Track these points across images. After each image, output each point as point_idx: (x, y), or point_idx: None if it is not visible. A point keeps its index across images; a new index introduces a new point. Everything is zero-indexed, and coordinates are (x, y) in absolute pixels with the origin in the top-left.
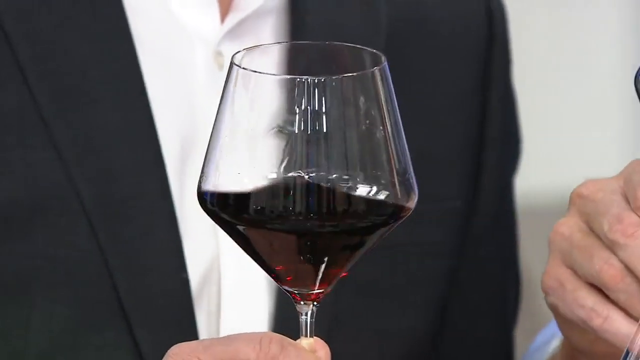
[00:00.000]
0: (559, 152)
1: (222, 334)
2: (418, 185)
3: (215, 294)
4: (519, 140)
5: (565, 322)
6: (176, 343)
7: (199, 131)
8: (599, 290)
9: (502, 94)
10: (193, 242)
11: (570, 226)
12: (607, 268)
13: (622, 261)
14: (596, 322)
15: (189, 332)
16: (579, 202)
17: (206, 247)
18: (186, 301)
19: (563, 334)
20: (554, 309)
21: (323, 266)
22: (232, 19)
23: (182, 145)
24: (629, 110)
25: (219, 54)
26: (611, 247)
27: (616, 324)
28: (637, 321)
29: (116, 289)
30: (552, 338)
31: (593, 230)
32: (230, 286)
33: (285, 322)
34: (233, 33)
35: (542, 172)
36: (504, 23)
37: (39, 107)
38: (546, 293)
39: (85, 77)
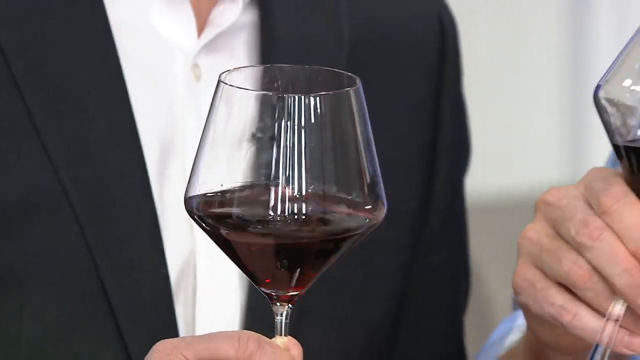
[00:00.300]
0: (500, 152)
1: (198, 324)
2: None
3: (191, 287)
4: (468, 146)
5: (535, 319)
6: (157, 333)
7: (177, 137)
8: (568, 289)
9: (454, 103)
10: (171, 240)
11: (537, 231)
12: (576, 269)
13: (589, 262)
14: (566, 318)
15: (169, 323)
16: (544, 208)
17: (183, 244)
18: (166, 294)
19: (532, 329)
20: (524, 307)
21: (298, 271)
22: (208, 34)
23: (162, 149)
24: (567, 111)
25: (195, 65)
26: (578, 249)
27: (585, 320)
28: (604, 317)
29: (103, 284)
30: (507, 333)
31: (560, 234)
32: (205, 280)
33: (255, 313)
34: (209, 47)
35: (485, 172)
36: (456, 39)
37: (31, 114)
38: (517, 293)
39: (74, 87)
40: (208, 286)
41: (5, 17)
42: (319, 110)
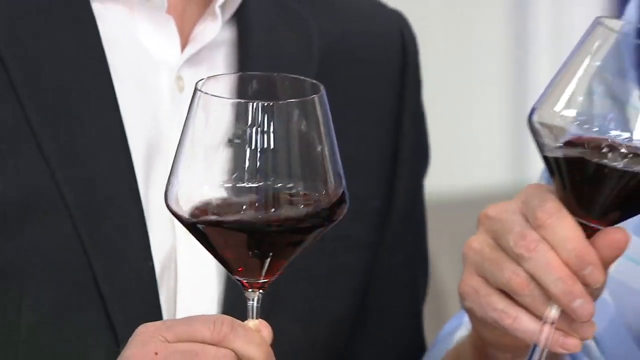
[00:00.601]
0: (450, 155)
1: (179, 311)
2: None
3: (173, 277)
4: (427, 151)
5: (479, 322)
6: (142, 319)
7: (162, 142)
8: (508, 295)
9: (414, 112)
10: (156, 235)
11: (480, 242)
12: (515, 277)
13: (526, 271)
14: (507, 322)
15: (153, 310)
16: (486, 222)
17: (166, 239)
18: (151, 284)
19: (476, 330)
20: (469, 311)
21: (268, 260)
22: (191, 49)
23: (148, 154)
24: (512, 118)
25: (179, 78)
26: (517, 259)
27: (524, 323)
28: (541, 320)
29: (94, 275)
30: (456, 328)
31: (500, 245)
32: (185, 272)
33: (231, 301)
34: (191, 61)
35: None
36: (416, 54)
37: (29, 121)
38: (463, 298)
39: (68, 96)
40: (188, 277)
41: (7, 35)
42: (286, 116)
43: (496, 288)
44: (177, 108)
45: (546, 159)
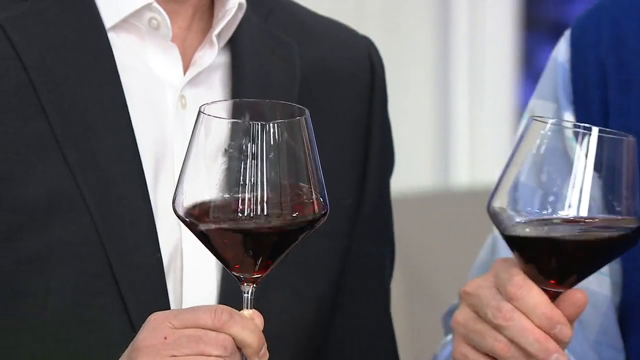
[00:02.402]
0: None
1: (185, 296)
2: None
3: (179, 267)
4: (392, 154)
5: None
6: (152, 303)
7: (167, 151)
8: (494, 358)
9: (381, 122)
10: (163, 231)
11: (464, 316)
12: (497, 344)
13: (506, 337)
14: None
15: (162, 295)
16: (467, 298)
17: (172, 234)
18: (159, 273)
19: None
20: None
21: (261, 259)
22: (192, 72)
23: (156, 161)
24: (442, 122)
25: (182, 97)
26: (497, 328)
27: None
28: None
29: (110, 265)
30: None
31: (480, 317)
32: (190, 262)
33: (228, 287)
34: (192, 82)
35: None
36: (382, 73)
37: (55, 134)
38: None
39: (87, 113)
40: (192, 267)
41: (37, 62)
42: (277, 135)
43: (483, 353)
44: (180, 122)
45: (506, 237)
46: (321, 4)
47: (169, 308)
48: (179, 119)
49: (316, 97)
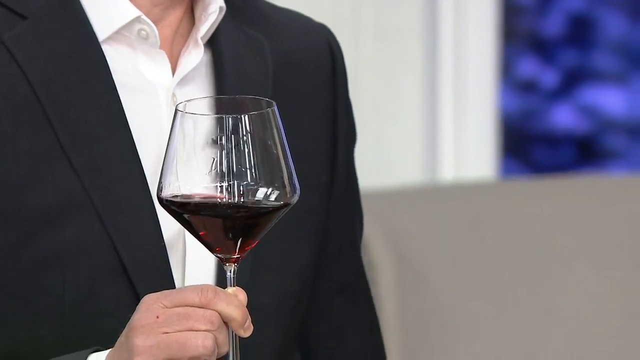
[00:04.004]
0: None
1: (187, 279)
2: (298, 168)
3: (181, 254)
4: (354, 130)
5: None
6: (159, 287)
7: (163, 148)
8: None
9: (344, 103)
10: (165, 223)
11: None
12: None
13: None
14: None
15: (167, 279)
16: None
17: (173, 226)
18: (164, 260)
19: None
20: None
21: (240, 240)
22: (179, 73)
23: (154, 158)
24: (424, 124)
25: (174, 95)
26: None
27: None
28: None
29: (119, 256)
30: None
31: None
32: (191, 248)
33: (222, 271)
34: (181, 82)
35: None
36: (341, 57)
37: (61, 143)
38: None
39: (88, 121)
40: (193, 253)
41: (40, 77)
42: (249, 126)
43: None
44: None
45: None
46: (322, 16)
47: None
48: (172, 117)
49: (287, 88)
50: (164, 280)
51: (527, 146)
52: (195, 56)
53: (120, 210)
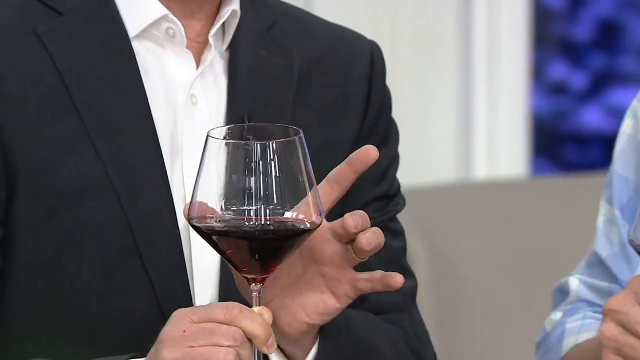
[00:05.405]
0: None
1: (194, 265)
2: (328, 159)
3: (187, 241)
4: (390, 129)
5: None
6: (171, 272)
7: (179, 141)
8: None
9: (381, 104)
10: (180, 209)
11: (612, 331)
12: None
13: None
14: None
15: (179, 264)
16: (611, 314)
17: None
18: (177, 246)
19: None
20: None
21: (265, 262)
22: (201, 68)
23: (171, 150)
24: (460, 124)
25: (192, 95)
26: None
27: None
28: None
29: (135, 239)
30: (562, 336)
31: (629, 331)
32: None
33: (226, 268)
34: (201, 76)
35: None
36: (382, 64)
37: (87, 130)
38: None
39: (115, 111)
40: (202, 243)
41: (70, 69)
42: (276, 152)
43: None
44: (189, 116)
45: None
46: (361, 23)
47: (186, 275)
48: (188, 113)
49: (314, 88)
50: (175, 264)
51: (557, 146)
52: (207, 55)
53: (139, 195)
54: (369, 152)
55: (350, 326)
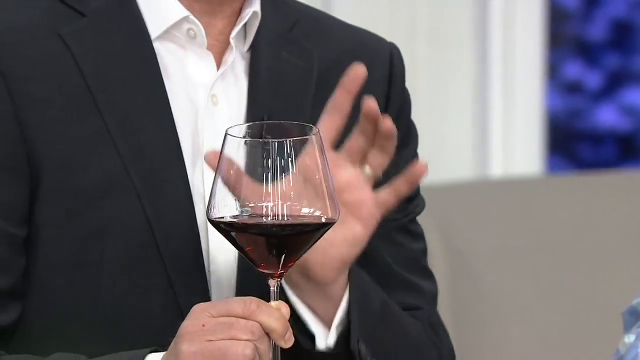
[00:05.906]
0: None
1: (211, 262)
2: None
3: (205, 238)
4: (409, 129)
5: None
6: (190, 269)
7: (199, 141)
8: None
9: (400, 105)
10: (199, 208)
11: None
12: None
13: None
14: None
15: (198, 262)
16: None
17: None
18: (196, 244)
19: None
20: None
21: (283, 257)
22: (222, 69)
23: (192, 150)
24: (476, 123)
25: (213, 95)
26: None
27: None
28: None
29: (154, 237)
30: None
31: None
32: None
33: (244, 265)
34: (221, 77)
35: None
36: (402, 67)
37: (109, 130)
38: None
39: (136, 111)
40: (220, 240)
41: (93, 70)
42: (293, 150)
43: None
44: (209, 116)
45: None
46: (378, 23)
47: (204, 272)
48: (209, 113)
49: (331, 88)
50: (194, 261)
51: (572, 144)
52: (229, 56)
53: (160, 194)
54: (357, 70)
55: (377, 288)
